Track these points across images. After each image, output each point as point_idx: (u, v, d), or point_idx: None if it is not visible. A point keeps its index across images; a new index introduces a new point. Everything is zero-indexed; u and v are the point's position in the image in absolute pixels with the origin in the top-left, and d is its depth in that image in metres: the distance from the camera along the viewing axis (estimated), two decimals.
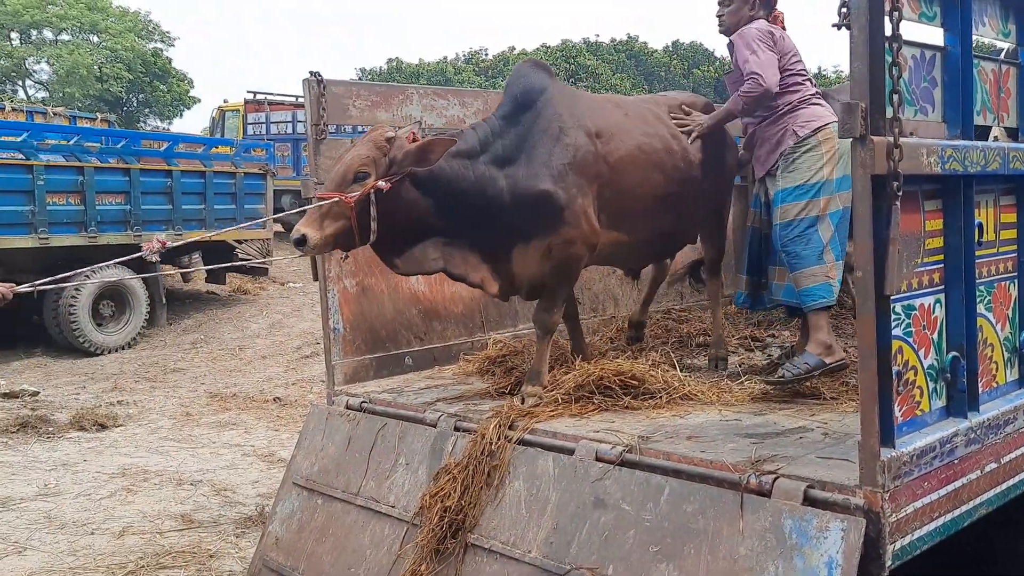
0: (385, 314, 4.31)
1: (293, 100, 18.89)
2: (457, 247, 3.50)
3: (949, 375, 2.62)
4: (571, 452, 3.01)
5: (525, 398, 3.53)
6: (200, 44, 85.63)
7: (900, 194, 2.28)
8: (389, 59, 43.23)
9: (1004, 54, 3.27)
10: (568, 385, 3.54)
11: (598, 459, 2.93)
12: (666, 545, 2.60)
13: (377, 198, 3.24)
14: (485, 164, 3.45)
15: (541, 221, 3.48)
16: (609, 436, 3.03)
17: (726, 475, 2.61)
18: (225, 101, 20.67)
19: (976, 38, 2.81)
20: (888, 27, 2.31)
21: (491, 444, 3.22)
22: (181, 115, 39.83)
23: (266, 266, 13.23)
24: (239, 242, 12.63)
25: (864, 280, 2.28)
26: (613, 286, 5.27)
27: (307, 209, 3.32)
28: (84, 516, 5.29)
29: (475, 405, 3.63)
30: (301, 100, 18.51)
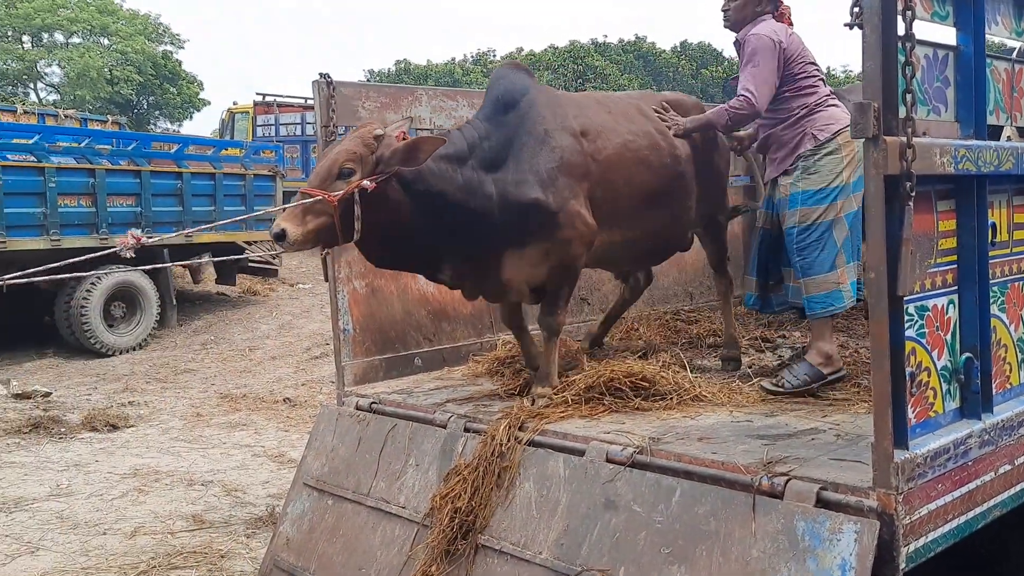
0: (394, 315, 4.31)
1: (302, 102, 18.94)
2: (442, 250, 3.47)
3: (963, 376, 2.60)
4: (582, 453, 3.01)
5: (535, 399, 3.52)
6: (210, 46, 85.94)
7: (913, 194, 2.27)
8: (397, 60, 43.28)
9: (1017, 53, 3.25)
10: (579, 386, 3.54)
11: (609, 460, 2.92)
12: (678, 547, 2.59)
13: (361, 197, 3.19)
14: (473, 168, 3.41)
15: (535, 227, 3.45)
16: (620, 437, 3.02)
17: (738, 477, 2.60)
18: (235, 103, 20.75)
19: (989, 37, 2.79)
20: (901, 26, 2.30)
21: (501, 445, 3.21)
22: (191, 117, 40.01)
23: (243, 262, 12.76)
24: (248, 243, 12.66)
25: (877, 281, 2.27)
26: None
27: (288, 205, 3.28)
28: (96, 516, 5.31)
29: (485, 406, 3.63)
30: (310, 102, 18.55)
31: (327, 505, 3.73)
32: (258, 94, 19.45)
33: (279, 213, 3.28)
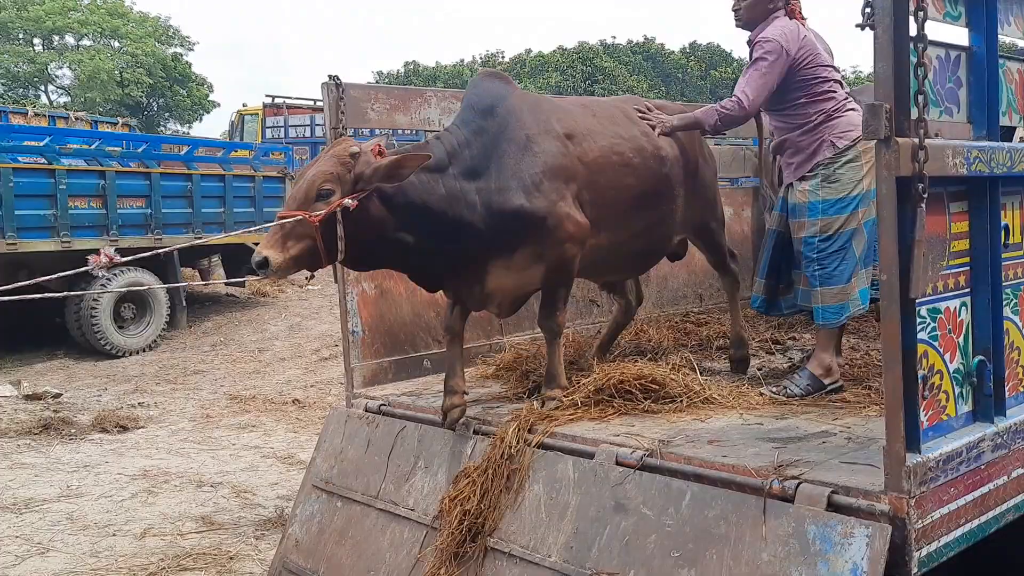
0: (403, 317, 4.31)
1: (311, 104, 19.00)
2: (427, 260, 3.41)
3: (975, 379, 2.59)
4: (591, 456, 3.00)
5: (545, 401, 3.51)
6: (220, 49, 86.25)
7: (925, 196, 2.25)
8: (406, 62, 43.43)
9: None
10: (588, 388, 3.53)
11: (618, 463, 2.91)
12: (687, 550, 2.58)
13: (344, 216, 3.11)
14: (454, 178, 3.34)
15: (523, 233, 3.38)
16: (629, 440, 3.01)
17: (748, 480, 2.58)
18: (244, 105, 20.86)
19: (1002, 38, 2.77)
20: (913, 27, 2.29)
21: (510, 447, 3.20)
22: (201, 119, 40.21)
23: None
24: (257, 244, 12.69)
25: (889, 283, 2.26)
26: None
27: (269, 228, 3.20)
28: (106, 517, 5.32)
29: (494, 408, 3.62)
30: (319, 104, 18.64)
31: (336, 507, 3.73)
32: (267, 96, 19.55)
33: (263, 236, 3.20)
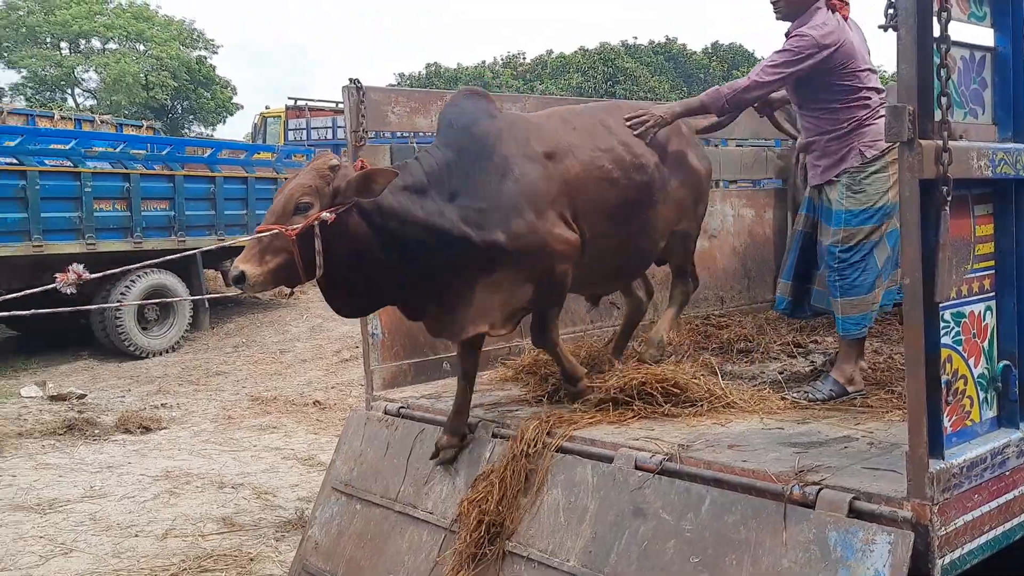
0: None
1: (333, 106, 19.08)
2: (407, 284, 3.30)
3: (1000, 384, 2.55)
4: (610, 460, 2.98)
5: (575, 397, 3.57)
6: (243, 51, 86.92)
7: (950, 199, 2.22)
8: (427, 63, 43.51)
9: None
10: (609, 390, 3.51)
11: (637, 467, 2.89)
12: (707, 556, 2.56)
13: (322, 230, 3.04)
14: (433, 199, 3.24)
15: (505, 257, 3.27)
16: (649, 444, 2.99)
17: (768, 485, 2.56)
18: (267, 107, 20.97)
19: None
20: (936, 28, 2.26)
21: (529, 451, 3.20)
22: (224, 122, 40.50)
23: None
24: None
25: (912, 287, 2.23)
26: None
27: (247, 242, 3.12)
28: (128, 518, 5.37)
29: (512, 412, 3.61)
30: (341, 106, 18.73)
31: (355, 509, 3.74)
32: (290, 98, 19.69)
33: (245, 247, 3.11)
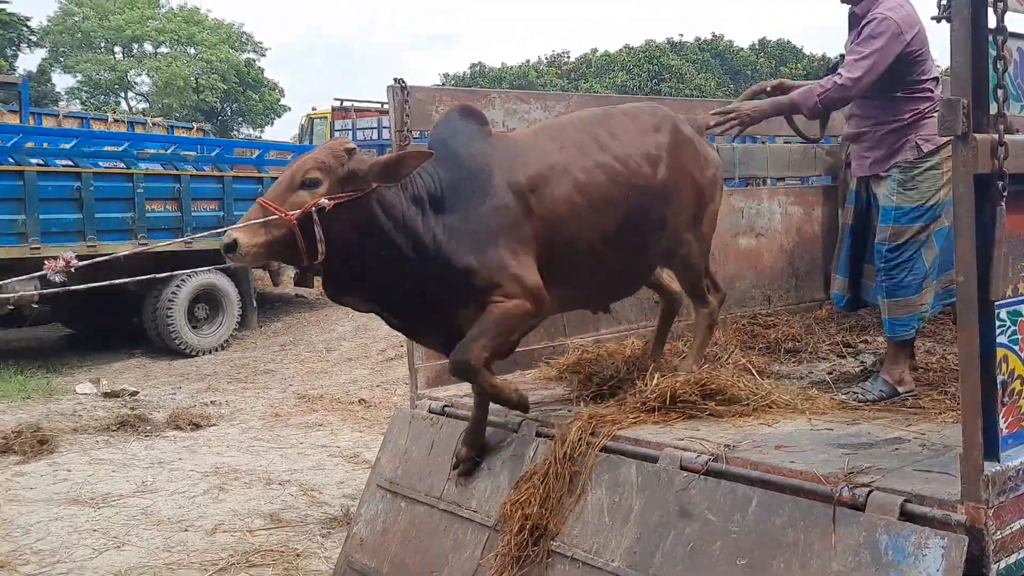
0: None
1: (378, 107, 19.22)
2: (399, 294, 3.22)
3: None
4: (655, 460, 2.96)
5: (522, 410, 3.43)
6: (291, 53, 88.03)
7: (1005, 194, 2.16)
8: (472, 64, 43.69)
9: None
10: (649, 395, 3.47)
11: (683, 468, 2.86)
12: (754, 558, 2.52)
13: (322, 216, 2.94)
14: (427, 213, 3.15)
15: (472, 289, 3.16)
16: (694, 444, 2.96)
17: (817, 487, 2.51)
18: (313, 109, 21.21)
19: None
20: (992, 19, 2.20)
21: (573, 450, 3.18)
22: (272, 123, 41.14)
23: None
24: None
25: (966, 285, 2.17)
26: None
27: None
28: (179, 513, 5.46)
29: (556, 411, 3.60)
30: (386, 107, 18.84)
31: (400, 507, 3.76)
32: (336, 99, 19.85)
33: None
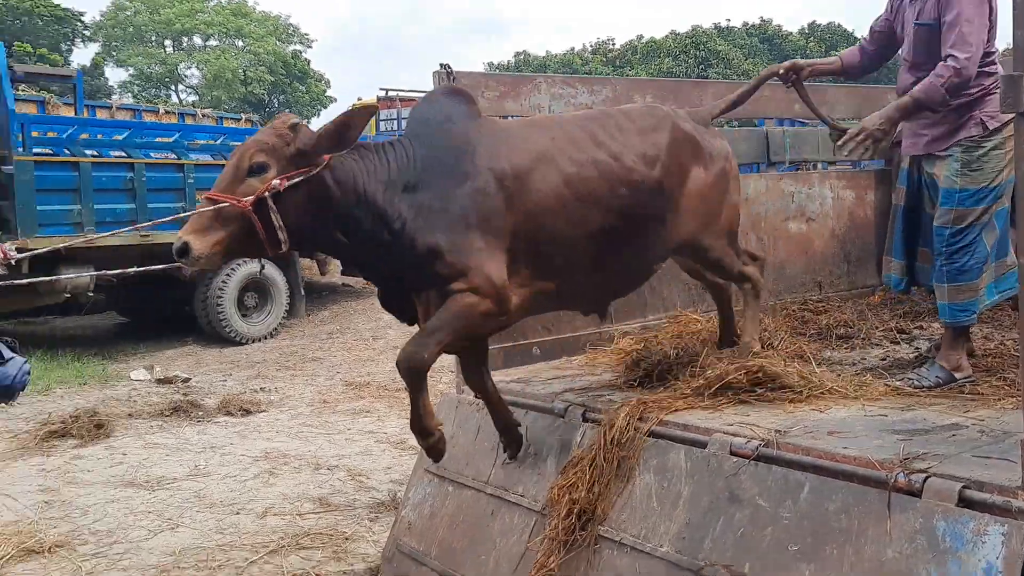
0: None
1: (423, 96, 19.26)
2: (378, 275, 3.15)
3: None
4: (704, 445, 2.93)
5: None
6: (336, 44, 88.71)
7: None
8: (516, 52, 43.63)
9: None
10: (700, 382, 3.43)
11: (732, 453, 2.83)
12: (806, 544, 2.49)
13: (276, 200, 2.74)
14: (391, 188, 2.99)
15: (437, 276, 3.01)
16: (744, 430, 2.92)
17: (872, 473, 2.46)
18: (359, 99, 21.33)
19: None
20: None
21: (620, 435, 3.16)
22: (319, 115, 41.48)
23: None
24: None
25: None
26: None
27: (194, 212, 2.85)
28: (230, 496, 5.56)
29: (603, 396, 3.58)
30: None
31: (447, 491, 3.78)
32: (381, 89, 19.93)
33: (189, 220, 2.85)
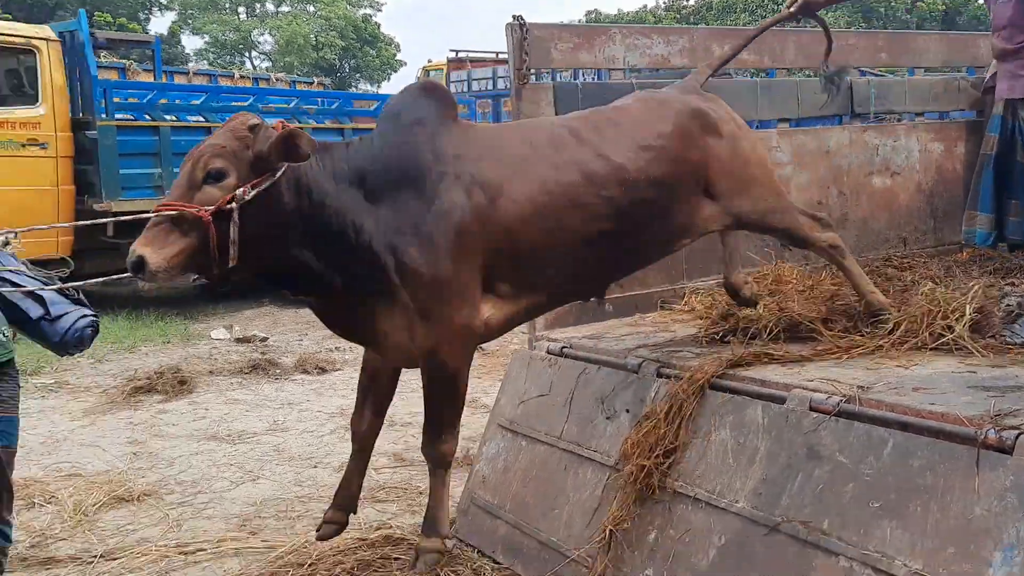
0: None
1: (493, 56, 19.17)
2: (318, 280, 2.85)
3: None
4: (782, 401, 2.87)
5: (420, 555, 3.18)
6: (406, 8, 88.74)
7: None
8: (587, 11, 43.00)
9: None
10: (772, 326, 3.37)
11: (812, 409, 2.76)
12: (889, 501, 2.42)
13: (241, 211, 2.49)
14: (356, 193, 2.77)
15: (406, 295, 2.81)
16: (824, 385, 2.85)
17: (959, 429, 2.38)
18: (429, 61, 21.35)
19: None
20: None
21: (695, 391, 3.13)
22: (389, 78, 41.69)
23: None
24: None
25: None
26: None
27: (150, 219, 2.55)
28: (308, 450, 5.69)
29: (677, 352, 3.53)
30: (501, 56, 18.76)
31: (520, 446, 3.79)
32: (451, 51, 19.88)
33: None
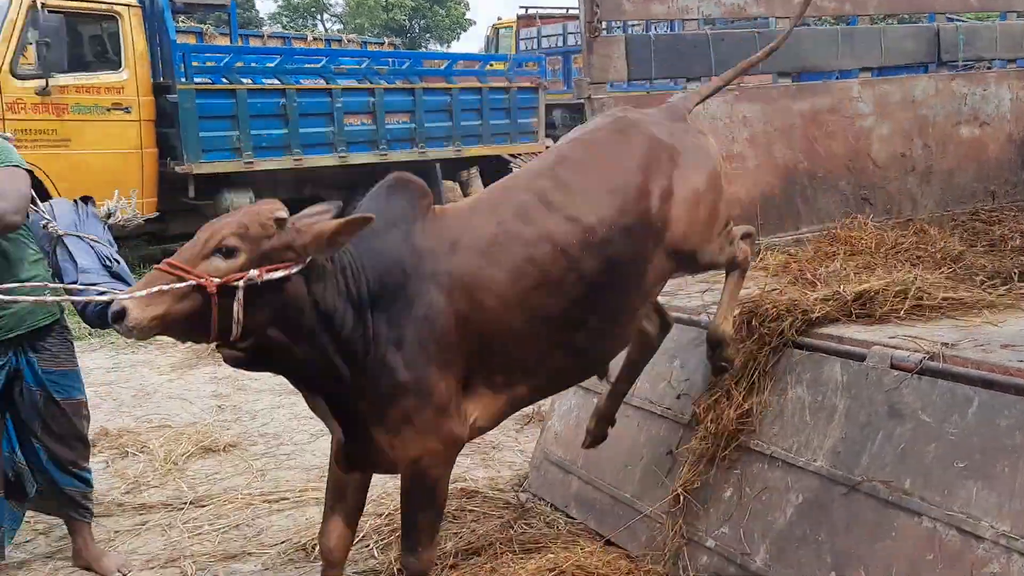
0: None
1: (563, 12, 18.93)
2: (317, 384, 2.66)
3: None
4: (862, 359, 2.80)
5: None
6: None
7: None
8: None
9: None
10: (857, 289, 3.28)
11: (893, 367, 2.70)
12: (974, 461, 2.36)
13: (247, 292, 2.37)
14: (351, 312, 2.55)
15: (391, 412, 2.60)
16: (906, 343, 2.78)
17: None
18: (499, 19, 21.18)
19: None
20: None
21: (772, 348, 3.08)
22: (458, 38, 41.57)
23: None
24: (513, 156, 13.00)
25: None
26: (911, 185, 4.78)
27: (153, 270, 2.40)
28: None
29: (751, 310, 3.47)
30: (571, 12, 18.50)
31: (593, 403, 3.79)
32: (521, 7, 19.68)
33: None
